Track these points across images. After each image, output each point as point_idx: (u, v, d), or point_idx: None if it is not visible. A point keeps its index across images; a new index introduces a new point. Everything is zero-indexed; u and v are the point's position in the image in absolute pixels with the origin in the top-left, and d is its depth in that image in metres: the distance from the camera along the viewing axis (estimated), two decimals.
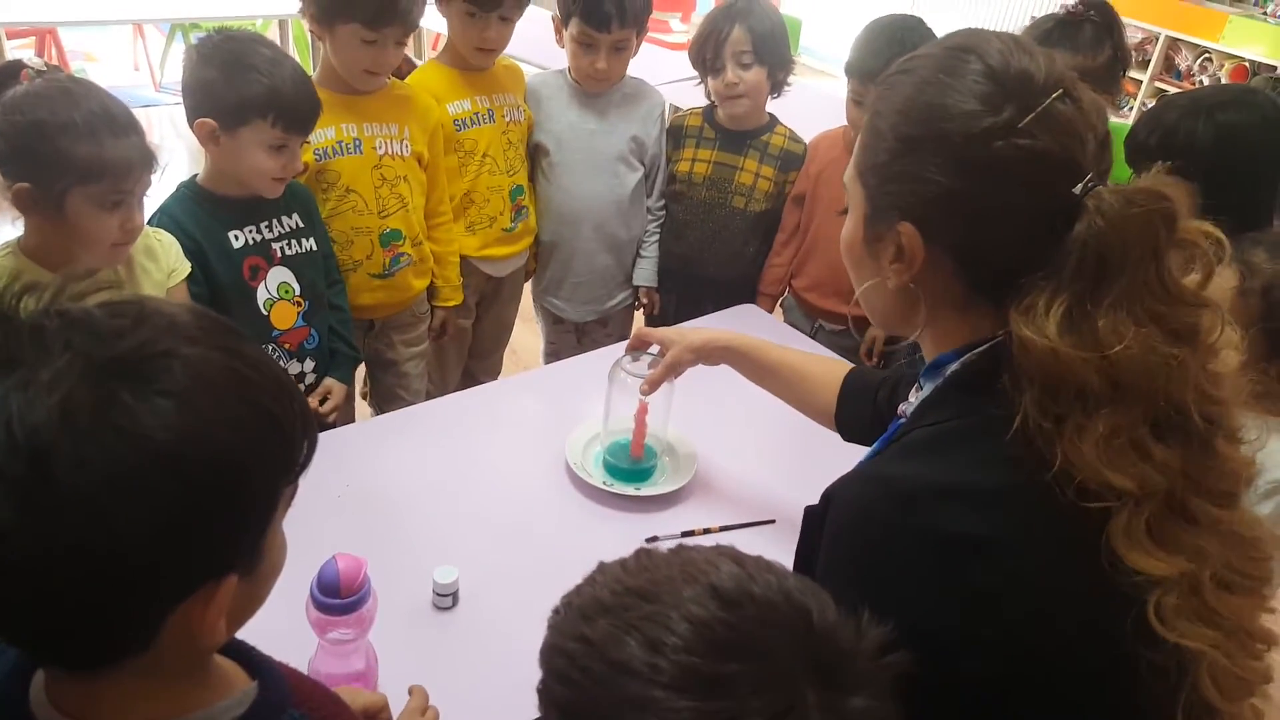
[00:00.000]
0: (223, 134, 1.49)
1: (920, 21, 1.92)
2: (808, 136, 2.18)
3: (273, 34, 4.58)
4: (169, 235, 1.49)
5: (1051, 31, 1.72)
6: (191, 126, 1.52)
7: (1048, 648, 0.72)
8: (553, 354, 2.35)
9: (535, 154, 2.13)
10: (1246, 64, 4.12)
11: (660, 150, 2.16)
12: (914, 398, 0.94)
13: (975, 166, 0.77)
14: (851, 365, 1.42)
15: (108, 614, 0.54)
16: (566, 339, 2.31)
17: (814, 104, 2.25)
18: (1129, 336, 0.71)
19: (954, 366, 0.85)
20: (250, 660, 0.68)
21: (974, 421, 0.79)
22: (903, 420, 0.95)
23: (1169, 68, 4.46)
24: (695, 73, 2.11)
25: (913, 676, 0.66)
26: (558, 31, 2.03)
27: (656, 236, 2.22)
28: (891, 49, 1.83)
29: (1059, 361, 0.72)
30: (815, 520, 0.87)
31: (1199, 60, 4.33)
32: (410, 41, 1.85)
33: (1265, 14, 4.13)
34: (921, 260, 0.82)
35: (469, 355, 2.29)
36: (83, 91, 1.24)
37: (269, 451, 0.58)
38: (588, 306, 2.25)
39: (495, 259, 2.12)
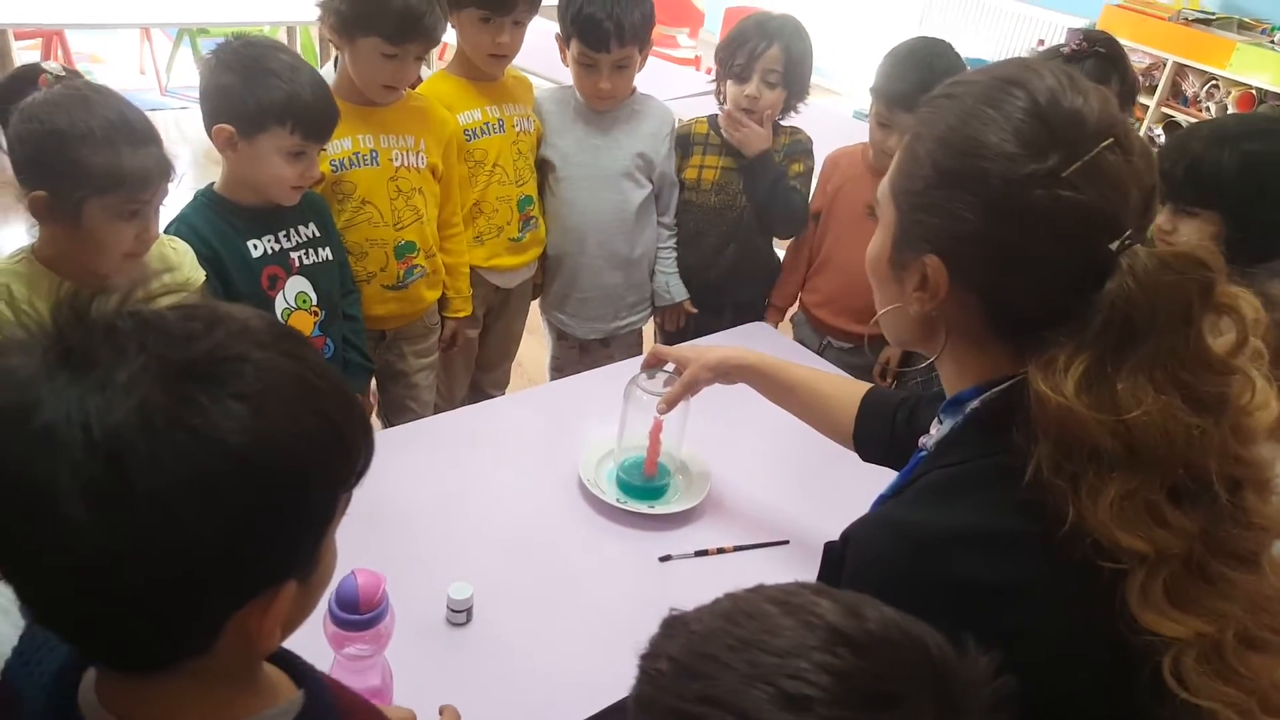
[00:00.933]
0: (241, 140, 1.49)
1: (949, 46, 1.93)
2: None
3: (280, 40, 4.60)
4: (183, 243, 1.48)
5: None
6: (209, 132, 1.51)
7: (1062, 696, 0.70)
8: (557, 369, 2.34)
9: (542, 168, 2.12)
10: (1254, 91, 4.13)
11: (670, 168, 2.14)
12: (934, 431, 0.93)
13: (1011, 212, 0.75)
14: (870, 385, 1.41)
15: (171, 615, 0.54)
16: (570, 354, 2.29)
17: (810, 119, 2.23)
18: (1148, 402, 0.70)
19: (974, 404, 0.84)
20: (296, 669, 0.68)
21: (989, 465, 0.78)
22: (923, 454, 0.94)
23: (1176, 93, 4.48)
24: (701, 87, 2.10)
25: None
26: (562, 50, 2.02)
27: (674, 254, 2.20)
28: (919, 73, 1.84)
29: (1073, 420, 0.71)
30: (835, 559, 0.86)
31: (1206, 87, 4.35)
32: None
33: (1273, 43, 4.15)
34: (945, 294, 0.81)
35: (476, 367, 2.28)
36: (101, 100, 1.23)
37: (332, 459, 0.58)
38: (593, 324, 2.23)
39: (503, 269, 2.12)
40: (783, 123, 2.14)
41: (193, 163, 3.65)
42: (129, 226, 1.25)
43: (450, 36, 1.95)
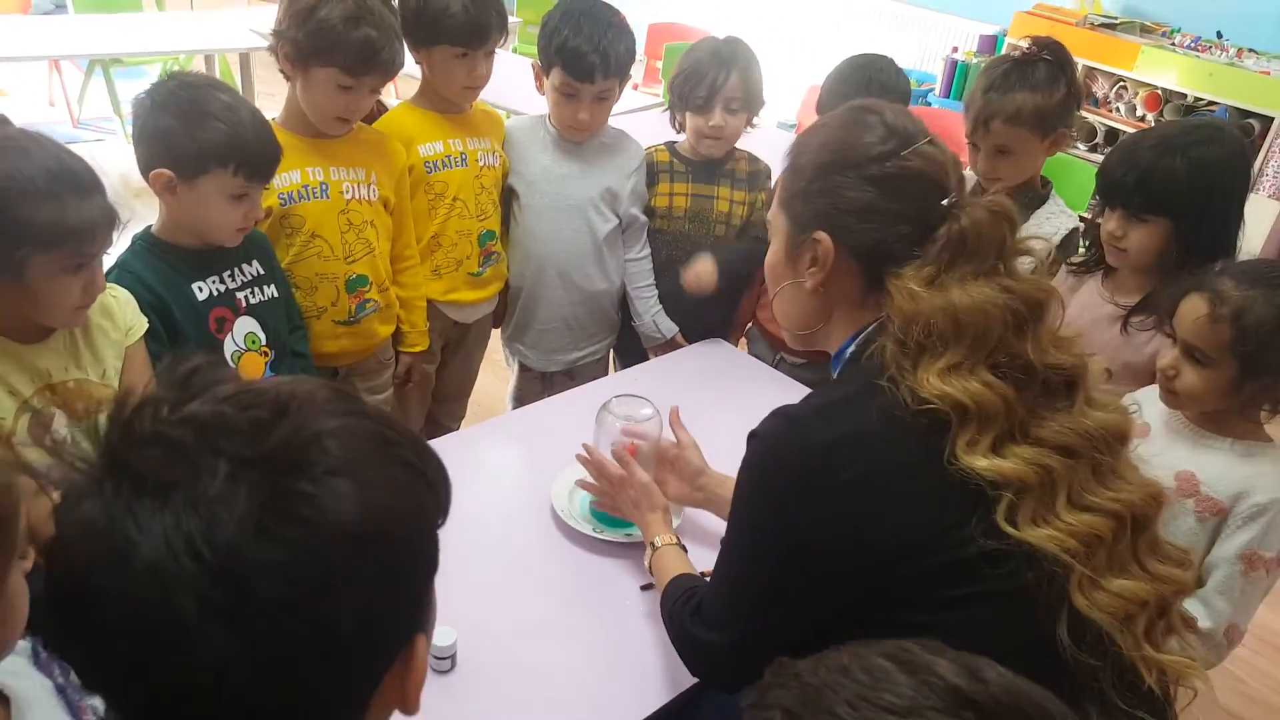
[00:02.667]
0: (181, 184, 1.42)
1: (890, 61, 1.97)
2: None
3: (197, 69, 4.47)
4: (124, 291, 1.41)
5: (1009, 72, 1.75)
6: (145, 176, 1.44)
7: (910, 546, 0.93)
8: (519, 399, 2.30)
9: (509, 197, 2.09)
10: (1159, 91, 4.32)
11: (638, 204, 2.10)
12: None
13: (874, 179, 1.01)
14: None
15: (321, 706, 0.52)
16: (533, 386, 2.27)
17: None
18: (972, 292, 0.94)
19: (850, 349, 1.07)
20: None
21: (855, 377, 1.02)
22: None
23: (1087, 95, 4.65)
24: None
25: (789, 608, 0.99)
26: (538, 79, 2.00)
27: (654, 291, 2.17)
28: (859, 89, 1.90)
29: (914, 304, 0.95)
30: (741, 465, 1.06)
31: (1115, 88, 4.53)
32: None
33: (1174, 45, 4.34)
34: (833, 261, 1.04)
35: (433, 400, 2.24)
36: (40, 150, 1.16)
37: (426, 503, 0.58)
38: (552, 356, 2.20)
39: (462, 304, 2.08)
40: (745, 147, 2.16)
41: (111, 196, 3.53)
42: (75, 280, 1.19)
43: (413, 69, 1.93)
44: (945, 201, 1.01)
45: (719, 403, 1.92)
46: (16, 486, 0.65)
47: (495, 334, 2.31)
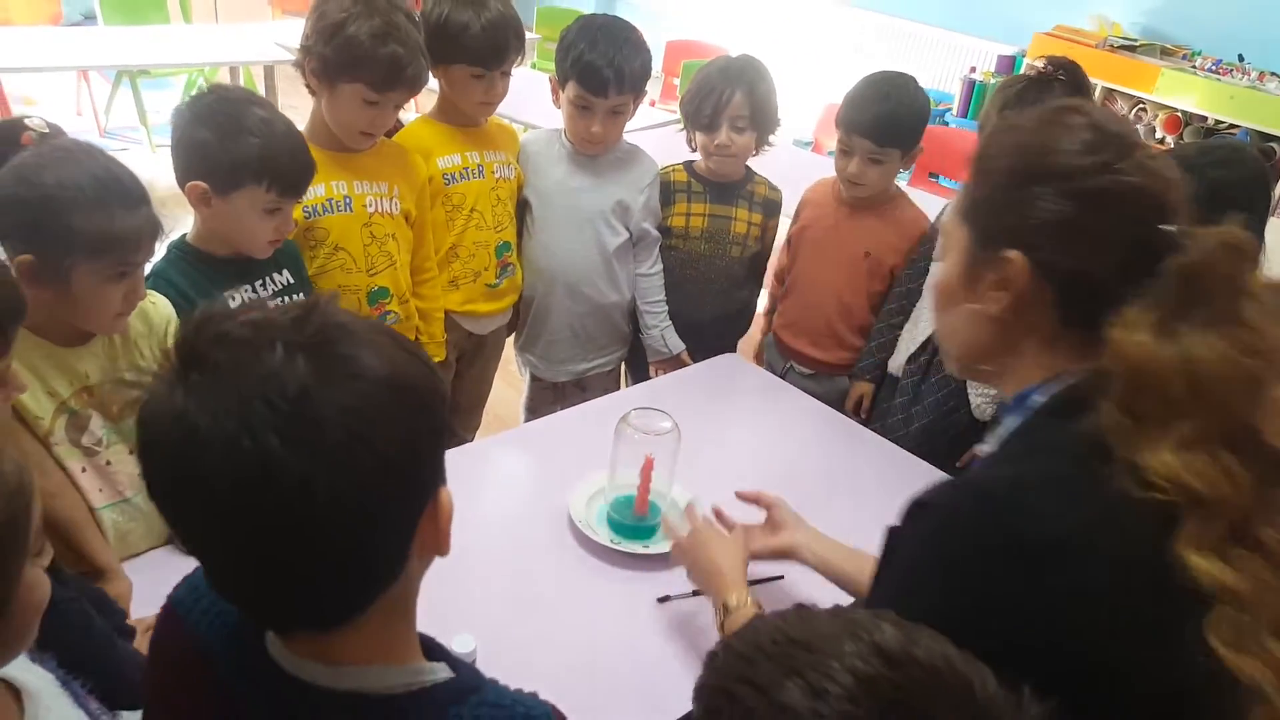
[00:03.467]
0: (215, 196, 1.45)
1: (911, 79, 1.99)
2: None
3: (222, 81, 4.54)
4: (161, 297, 1.43)
5: (1025, 91, 1.77)
6: (182, 187, 1.47)
7: (1112, 659, 0.76)
8: (531, 409, 2.32)
9: (522, 210, 2.12)
10: (1179, 114, 4.32)
11: (650, 220, 2.12)
12: (993, 434, 0.97)
13: (1082, 195, 0.86)
14: None
15: (377, 543, 0.64)
16: (544, 395, 2.28)
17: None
18: (1212, 349, 0.76)
19: (1040, 398, 0.90)
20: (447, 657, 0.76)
21: (1058, 438, 0.84)
22: (979, 462, 0.99)
23: None
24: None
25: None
26: (554, 92, 2.03)
27: (664, 307, 2.18)
28: (877, 104, 1.92)
29: (1146, 362, 0.78)
30: (897, 534, 0.90)
31: (1134, 110, 4.53)
32: None
33: (1194, 68, 4.34)
34: (1025, 285, 0.88)
35: (449, 411, 2.25)
36: (90, 160, 1.18)
37: (436, 382, 0.69)
38: (562, 367, 2.22)
39: (478, 315, 2.11)
40: (755, 169, 2.18)
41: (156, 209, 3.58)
42: (118, 288, 1.21)
43: (431, 82, 1.96)
44: (1168, 228, 0.85)
45: (731, 419, 1.94)
46: (29, 487, 0.69)
47: (508, 345, 2.33)
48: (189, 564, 0.73)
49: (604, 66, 1.89)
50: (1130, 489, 0.75)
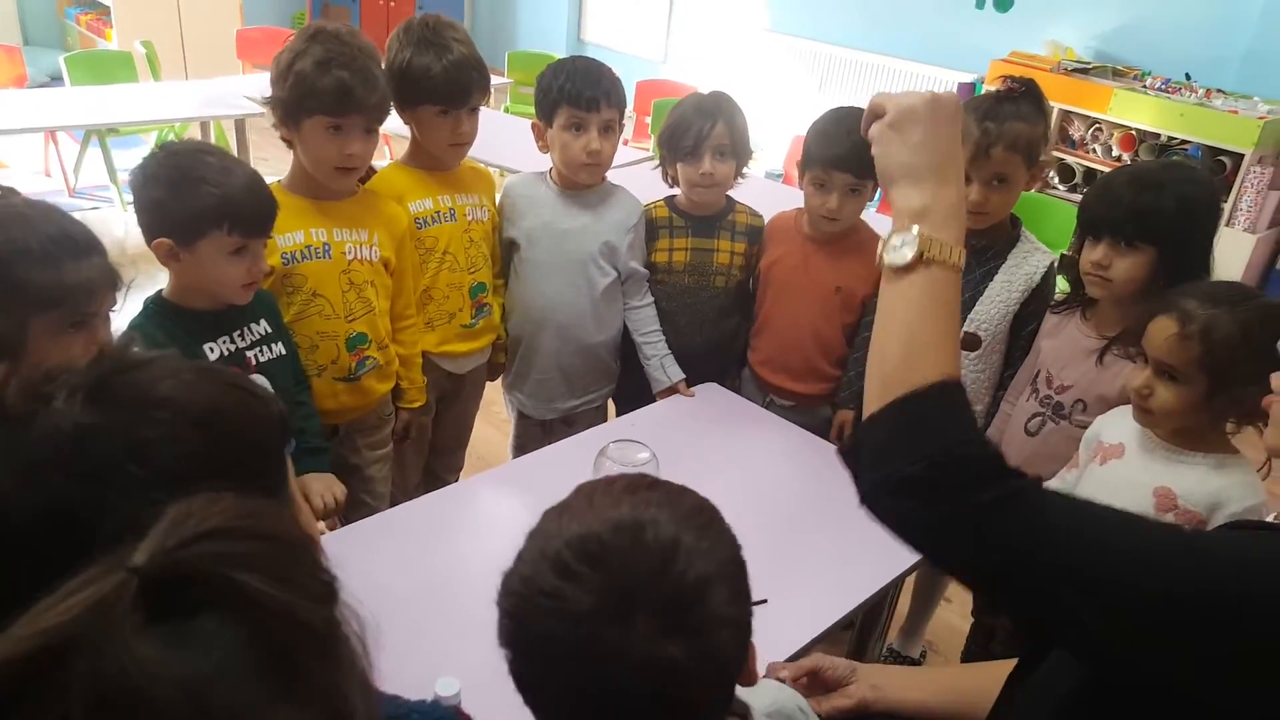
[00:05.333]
0: (181, 250, 1.47)
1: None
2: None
3: (193, 136, 4.55)
4: None
5: (999, 105, 1.82)
6: (150, 247, 1.49)
7: None
8: (519, 448, 2.33)
9: (509, 250, 2.15)
10: (1133, 132, 4.43)
11: (637, 258, 2.15)
12: None
13: None
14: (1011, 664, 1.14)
15: None
16: (533, 432, 2.29)
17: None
18: None
19: None
20: None
21: None
22: None
23: (1064, 138, 4.76)
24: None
25: None
26: (539, 136, 2.06)
27: (660, 337, 2.19)
28: (852, 136, 1.92)
29: None
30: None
31: (1090, 130, 4.64)
32: None
33: (1145, 87, 4.46)
34: None
35: (430, 453, 2.26)
36: (40, 216, 1.20)
37: (242, 406, 0.73)
38: (550, 405, 2.23)
39: (455, 355, 2.12)
40: (736, 197, 2.22)
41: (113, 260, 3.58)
42: (76, 340, 1.22)
43: (403, 128, 2.00)
44: None
45: (714, 447, 1.95)
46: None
47: (490, 385, 2.35)
48: None
49: (588, 88, 1.96)
50: None
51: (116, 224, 4.43)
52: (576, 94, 1.96)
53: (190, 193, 1.44)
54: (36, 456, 0.62)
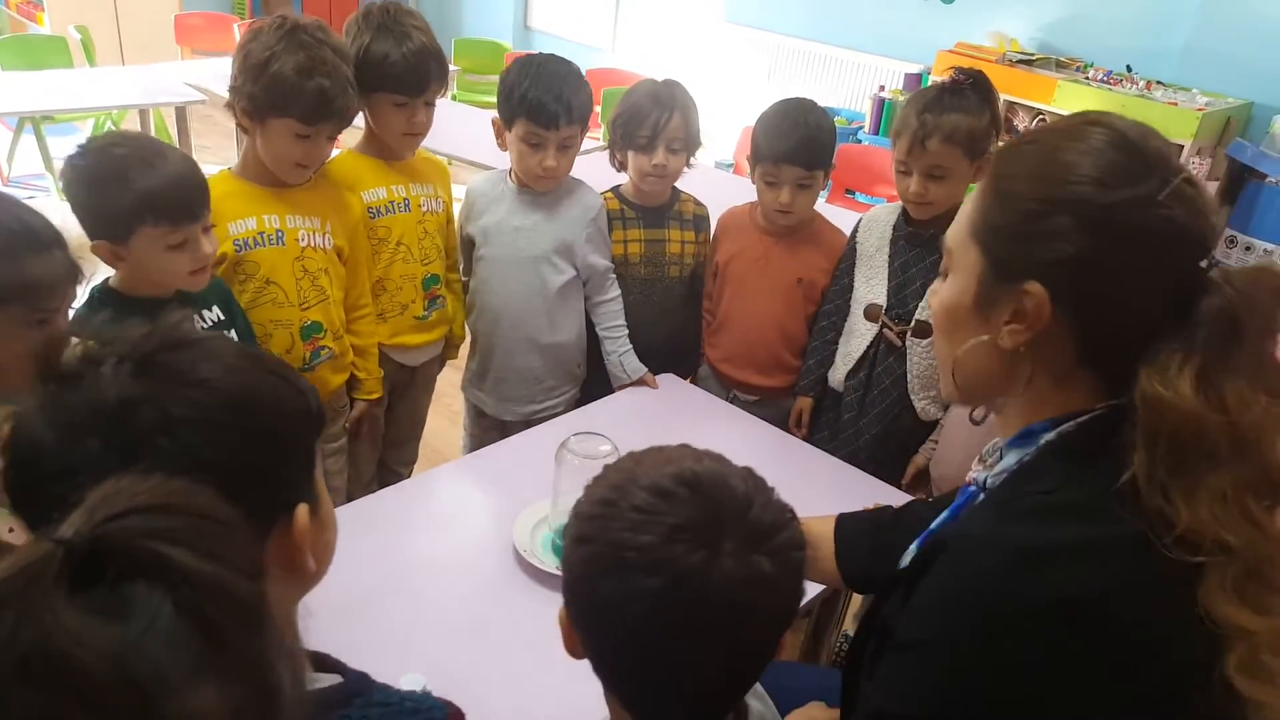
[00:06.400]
0: (119, 248, 1.43)
1: (814, 103, 2.03)
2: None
3: (131, 124, 4.43)
4: None
5: (941, 97, 1.81)
6: (93, 251, 1.44)
7: (1147, 696, 0.77)
8: (474, 446, 2.29)
9: (469, 247, 2.12)
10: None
11: (596, 255, 2.12)
12: (991, 466, 0.95)
13: (1117, 233, 0.80)
14: (835, 516, 1.35)
15: None
16: (490, 435, 2.25)
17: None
18: (1257, 404, 0.75)
19: (1049, 436, 0.87)
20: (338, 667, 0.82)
21: (1083, 488, 0.81)
22: (975, 489, 0.97)
23: (1010, 129, 4.84)
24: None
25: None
26: (499, 134, 2.02)
27: (623, 332, 2.17)
28: (798, 130, 1.94)
29: (1189, 419, 0.75)
30: (909, 573, 0.88)
31: (1035, 121, 4.72)
32: None
33: (1088, 79, 4.55)
34: (1046, 321, 0.83)
35: (384, 445, 2.23)
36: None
37: (286, 396, 0.72)
38: (510, 405, 2.19)
39: (408, 347, 2.09)
40: (685, 188, 2.21)
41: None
42: (35, 336, 1.17)
43: (359, 117, 1.95)
44: (1205, 264, 0.81)
45: (676, 439, 1.93)
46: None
47: (443, 378, 2.32)
48: None
49: (551, 101, 1.90)
50: (1163, 544, 0.74)
51: (53, 214, 4.27)
52: (536, 107, 1.90)
53: (109, 190, 1.39)
54: (78, 419, 0.64)
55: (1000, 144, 1.66)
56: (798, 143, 1.93)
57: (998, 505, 0.89)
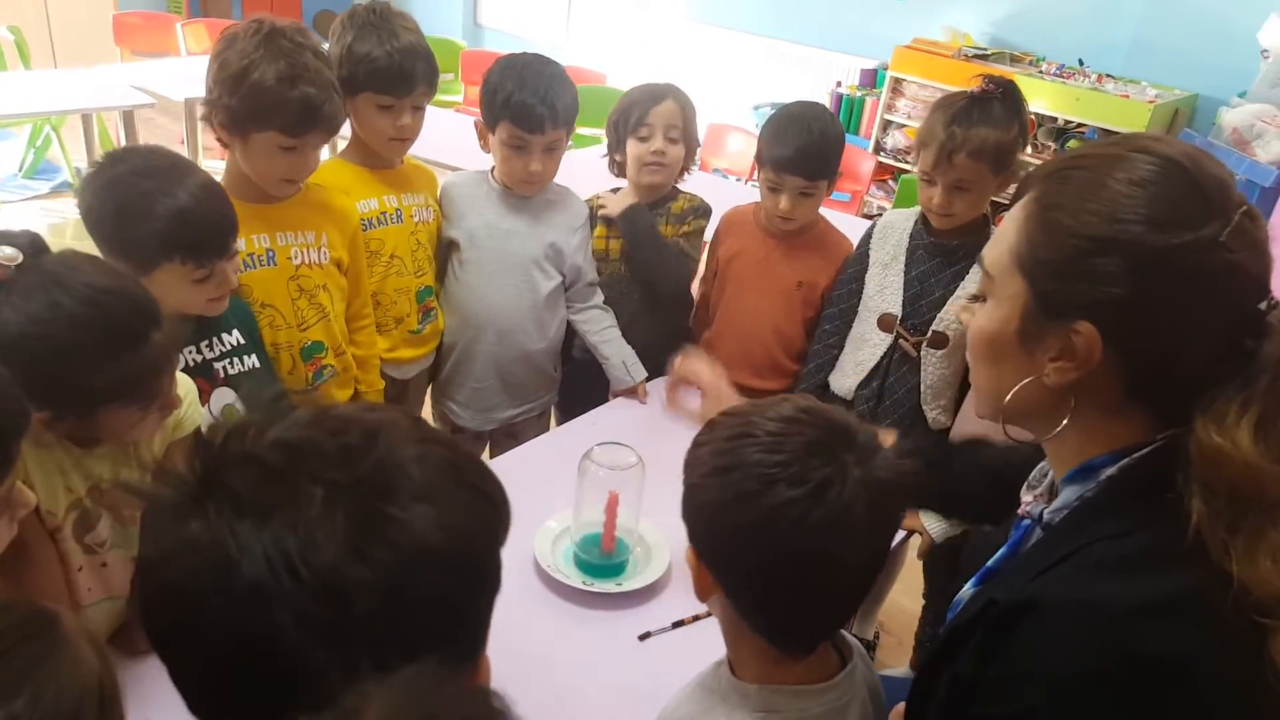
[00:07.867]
0: (139, 275, 1.35)
1: (824, 109, 2.02)
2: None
3: (74, 129, 4.26)
4: (187, 380, 1.33)
5: (969, 108, 1.76)
6: None
7: None
8: None
9: (447, 251, 2.05)
10: (1033, 116, 4.60)
11: (585, 260, 2.09)
12: (1041, 496, 0.95)
13: (1173, 277, 0.76)
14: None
15: None
16: (471, 448, 2.21)
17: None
18: None
19: (1110, 471, 0.84)
20: None
21: (1156, 533, 0.79)
22: (1029, 521, 0.95)
23: None
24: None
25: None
26: (482, 137, 1.97)
27: (616, 334, 2.14)
28: (800, 137, 1.91)
29: (1250, 472, 0.72)
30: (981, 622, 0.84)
31: None
32: None
33: (1041, 73, 4.64)
34: (1097, 361, 0.80)
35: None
36: (77, 301, 1.03)
37: (492, 524, 0.62)
38: (487, 414, 2.14)
39: (401, 361, 2.04)
40: (681, 187, 2.18)
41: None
42: (150, 413, 1.16)
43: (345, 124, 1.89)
44: (1264, 305, 0.77)
45: (681, 444, 1.92)
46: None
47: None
48: None
49: (536, 104, 1.84)
50: (1237, 609, 0.71)
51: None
52: (521, 112, 1.85)
53: (132, 225, 1.32)
54: (276, 583, 0.52)
55: (1029, 151, 1.62)
56: (801, 152, 1.90)
57: (1076, 556, 0.83)
